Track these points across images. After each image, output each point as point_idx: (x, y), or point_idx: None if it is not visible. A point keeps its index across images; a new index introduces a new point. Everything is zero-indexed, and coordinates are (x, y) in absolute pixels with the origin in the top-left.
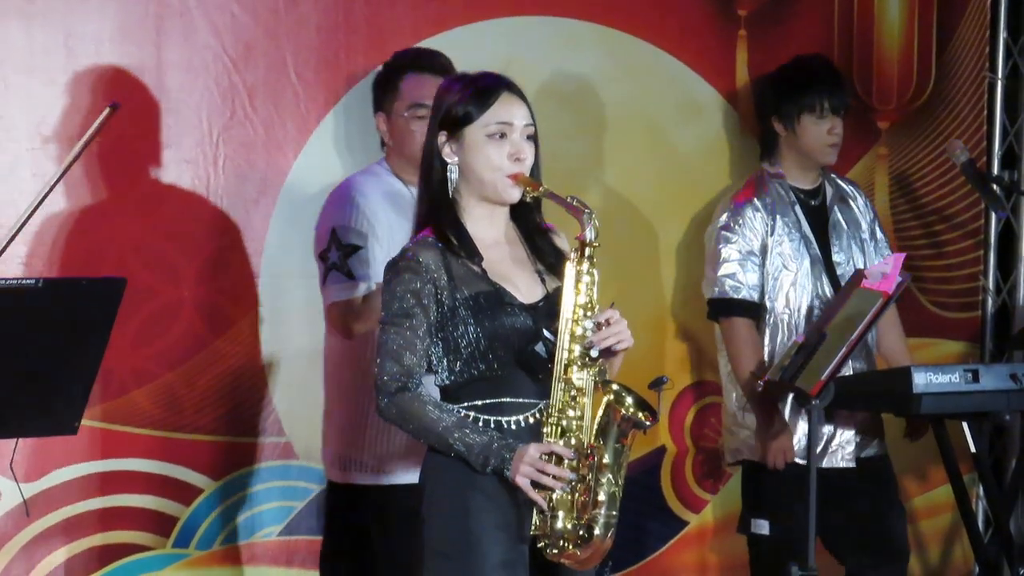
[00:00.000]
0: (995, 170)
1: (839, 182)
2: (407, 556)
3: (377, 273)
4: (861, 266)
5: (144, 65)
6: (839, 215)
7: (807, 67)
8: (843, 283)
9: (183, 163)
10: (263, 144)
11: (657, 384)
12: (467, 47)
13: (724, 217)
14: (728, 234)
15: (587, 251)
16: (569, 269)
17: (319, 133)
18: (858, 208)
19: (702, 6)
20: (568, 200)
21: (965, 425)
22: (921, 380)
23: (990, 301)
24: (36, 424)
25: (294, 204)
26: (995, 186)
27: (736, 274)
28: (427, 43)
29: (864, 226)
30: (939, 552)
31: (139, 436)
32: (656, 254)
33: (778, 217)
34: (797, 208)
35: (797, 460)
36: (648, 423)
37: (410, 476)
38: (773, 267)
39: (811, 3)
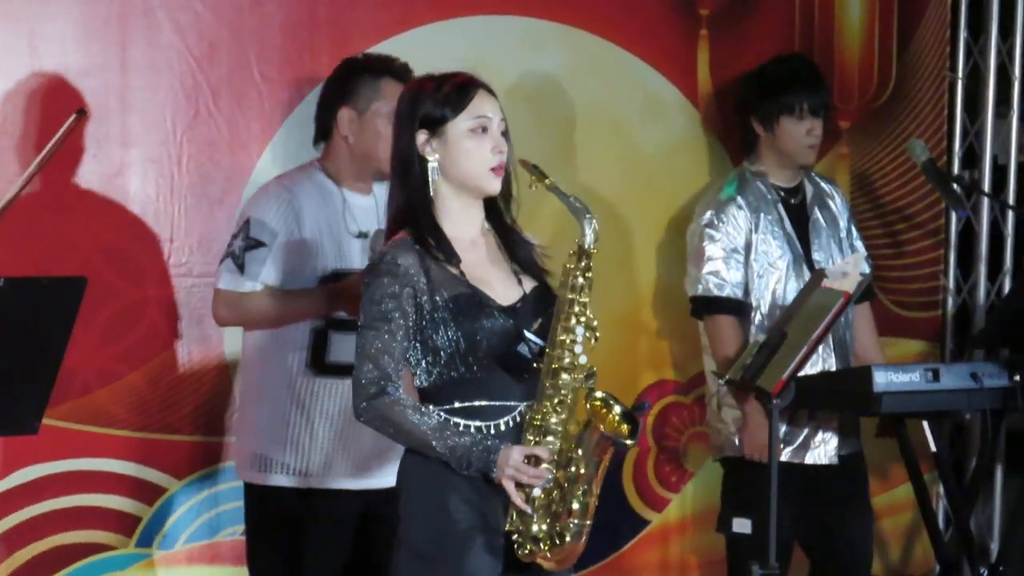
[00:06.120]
0: (955, 169)
1: (819, 181)
2: (332, 561)
3: (269, 276)
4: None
5: (108, 64)
6: (819, 214)
7: (786, 67)
8: None
9: (147, 162)
10: (227, 143)
11: (638, 411)
12: (431, 46)
13: (708, 214)
14: (712, 231)
15: (584, 256)
16: (565, 272)
17: (283, 132)
18: (836, 207)
19: (663, 6)
20: (571, 200)
21: (926, 424)
22: (882, 379)
23: (950, 300)
24: None
25: None
26: (955, 185)
27: (720, 272)
28: (391, 42)
29: (842, 224)
30: (900, 551)
31: (103, 435)
32: (621, 252)
33: (761, 215)
34: (779, 206)
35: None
36: (628, 444)
37: (333, 481)
38: (758, 265)
39: (772, 3)
